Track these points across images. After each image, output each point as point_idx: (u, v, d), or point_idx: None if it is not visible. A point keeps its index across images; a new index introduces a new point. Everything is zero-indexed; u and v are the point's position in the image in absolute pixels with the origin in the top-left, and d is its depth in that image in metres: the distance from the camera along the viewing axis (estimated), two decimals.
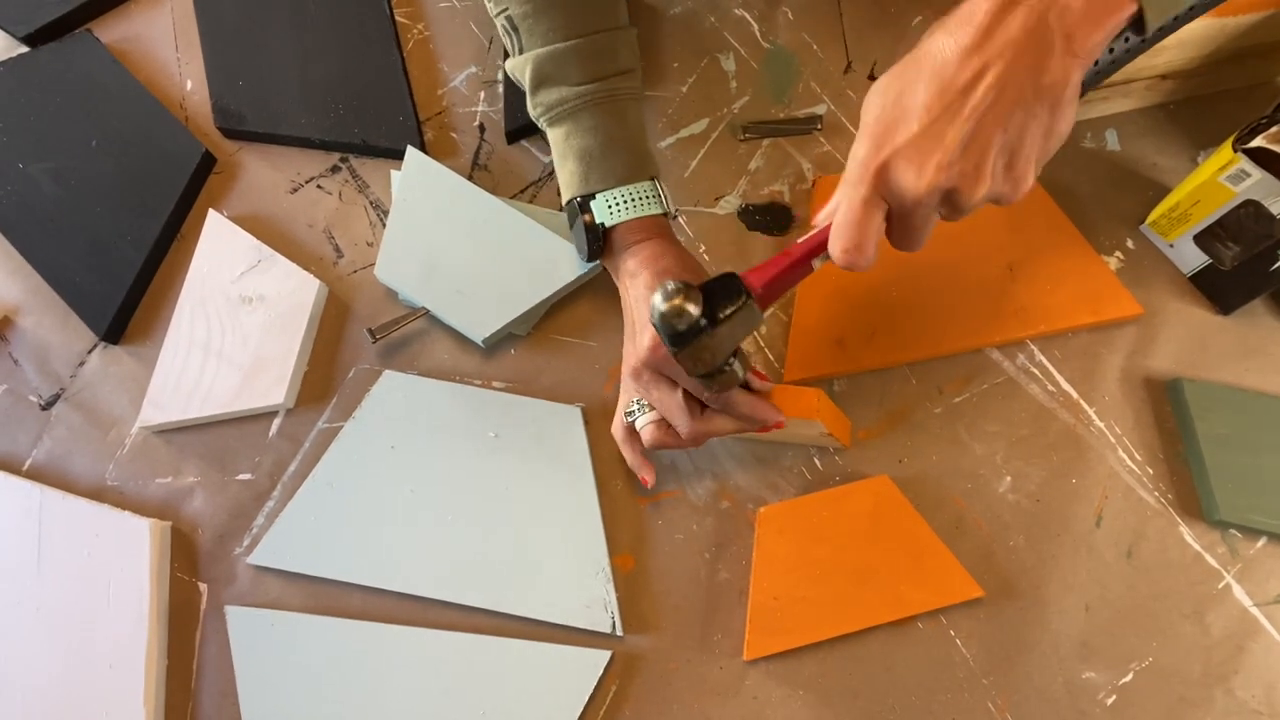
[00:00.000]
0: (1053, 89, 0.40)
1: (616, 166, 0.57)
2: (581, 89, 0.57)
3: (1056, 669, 0.54)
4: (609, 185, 0.57)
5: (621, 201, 0.57)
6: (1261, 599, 0.55)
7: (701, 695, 0.55)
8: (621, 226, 0.57)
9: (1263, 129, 0.54)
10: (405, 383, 0.63)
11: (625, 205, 0.57)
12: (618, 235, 0.57)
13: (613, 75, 0.58)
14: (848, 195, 0.43)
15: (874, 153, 0.42)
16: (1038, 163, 0.43)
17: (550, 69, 0.57)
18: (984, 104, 0.39)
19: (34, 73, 0.73)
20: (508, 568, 0.58)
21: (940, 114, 0.40)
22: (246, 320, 0.65)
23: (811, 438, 0.58)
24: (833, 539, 0.56)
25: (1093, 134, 0.67)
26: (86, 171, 0.70)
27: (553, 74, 0.57)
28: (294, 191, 0.70)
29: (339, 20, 0.74)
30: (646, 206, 0.57)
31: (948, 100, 0.40)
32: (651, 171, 0.59)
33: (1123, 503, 0.58)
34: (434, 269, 0.63)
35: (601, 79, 0.58)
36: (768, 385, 0.53)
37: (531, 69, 0.57)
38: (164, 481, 0.63)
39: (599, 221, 0.57)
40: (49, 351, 0.67)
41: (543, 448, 0.60)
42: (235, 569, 0.60)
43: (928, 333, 0.61)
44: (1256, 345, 0.61)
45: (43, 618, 0.59)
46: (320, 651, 0.57)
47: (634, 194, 0.57)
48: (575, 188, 0.58)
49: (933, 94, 0.40)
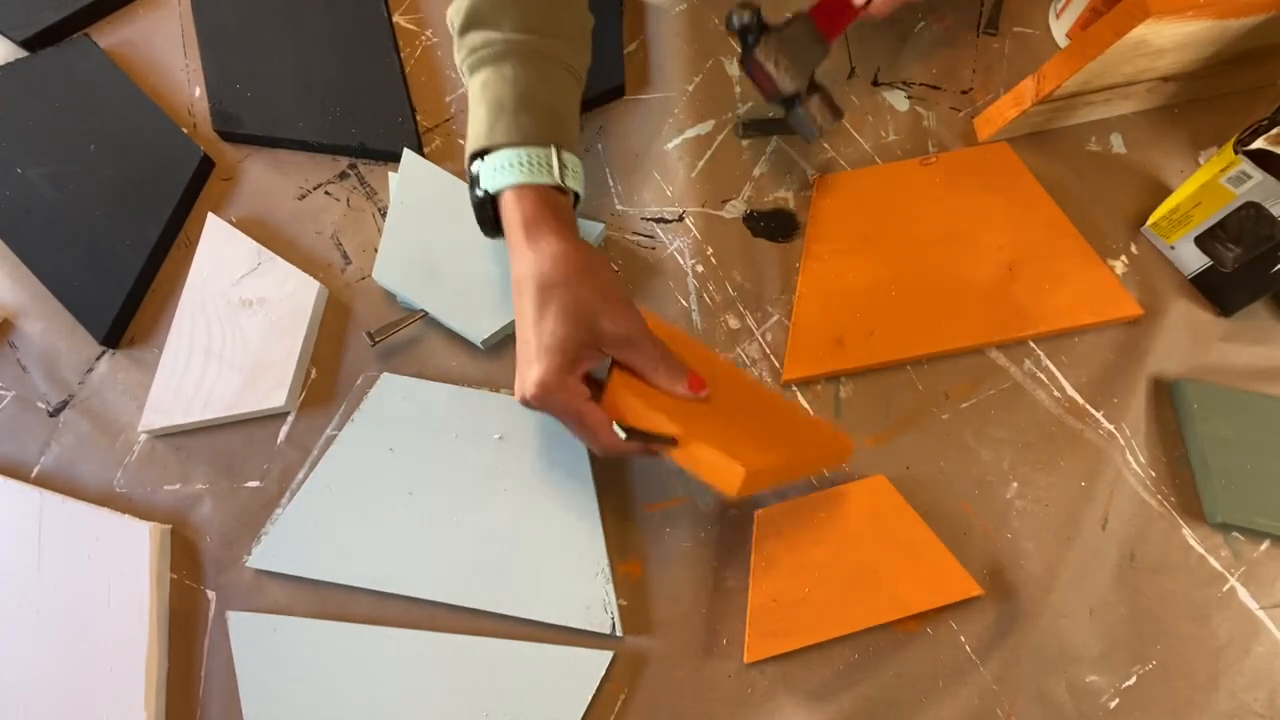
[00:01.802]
0: None
1: (525, 124, 0.52)
2: (511, 36, 0.53)
3: (1060, 672, 0.54)
4: (512, 141, 0.52)
5: (516, 164, 0.51)
6: (1267, 602, 0.55)
7: (706, 699, 0.55)
8: (514, 197, 0.52)
9: (1264, 131, 0.54)
10: (404, 385, 0.63)
11: (518, 168, 0.51)
12: (508, 207, 0.52)
13: (550, 35, 0.54)
14: None
15: None
16: None
17: (485, 12, 0.54)
18: None
19: (32, 77, 0.73)
20: (507, 569, 0.58)
21: None
22: (247, 323, 0.65)
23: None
24: (830, 540, 0.56)
25: (1097, 137, 0.67)
26: (85, 176, 0.70)
27: (486, 17, 0.54)
28: (301, 198, 0.70)
29: (337, 23, 0.73)
30: (538, 173, 0.52)
31: None
32: (563, 142, 0.53)
33: (1127, 506, 0.58)
34: (432, 271, 0.63)
35: (536, 33, 0.54)
36: (698, 395, 0.51)
37: (466, 10, 0.54)
38: (172, 488, 0.62)
39: (484, 188, 0.52)
40: (57, 358, 0.66)
41: (541, 449, 0.60)
42: (242, 576, 0.60)
43: (927, 332, 0.61)
44: (1258, 347, 0.61)
45: (43, 621, 0.59)
46: (322, 655, 0.57)
47: (532, 158, 0.51)
48: (476, 140, 0.53)
49: None
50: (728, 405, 0.53)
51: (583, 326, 0.50)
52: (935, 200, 0.65)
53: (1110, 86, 0.62)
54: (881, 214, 0.65)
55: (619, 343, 0.51)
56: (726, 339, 0.63)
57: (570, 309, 0.49)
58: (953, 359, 0.62)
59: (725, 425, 0.51)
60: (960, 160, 0.66)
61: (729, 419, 0.52)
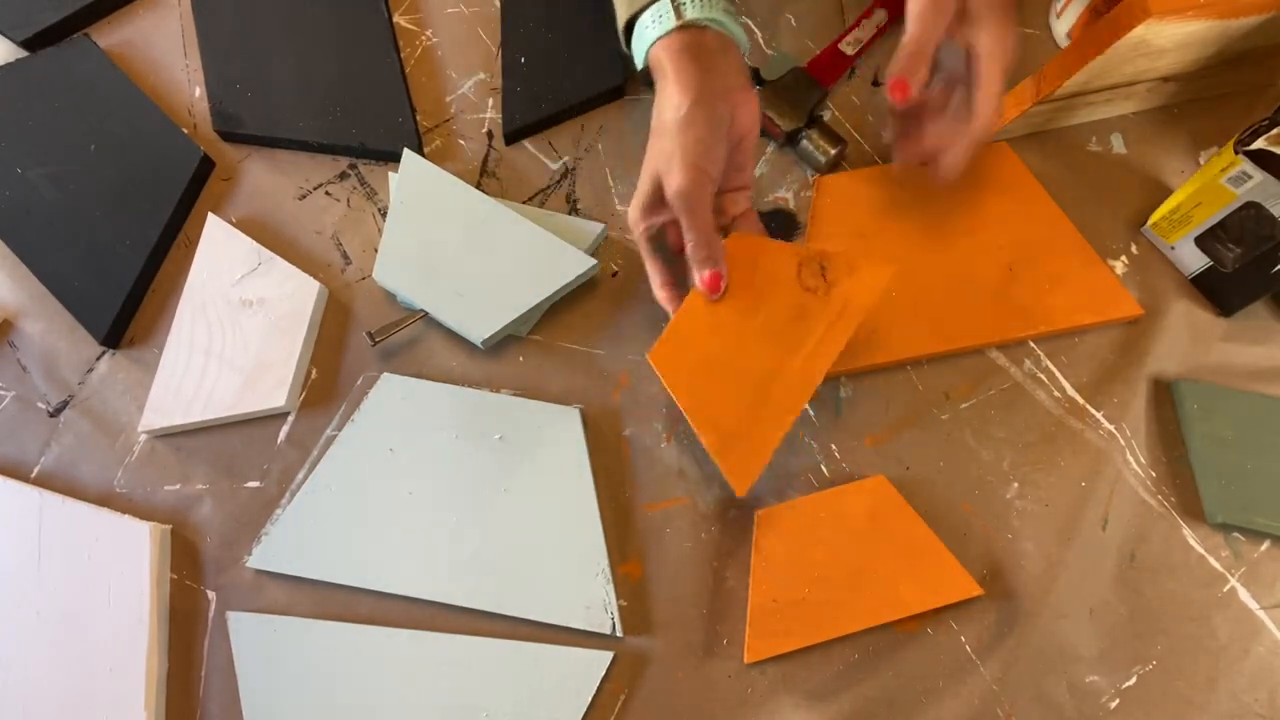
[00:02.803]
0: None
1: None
2: None
3: (1060, 672, 0.54)
4: (634, 9, 0.55)
5: (640, 30, 0.55)
6: (1267, 602, 0.55)
7: (706, 699, 0.55)
8: (652, 57, 0.55)
9: (1264, 131, 0.54)
10: (404, 385, 0.63)
11: (641, 32, 0.55)
12: (659, 55, 0.54)
13: None
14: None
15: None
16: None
17: None
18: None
19: (32, 77, 0.73)
20: (507, 570, 0.58)
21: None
22: (247, 324, 0.65)
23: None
24: (830, 540, 0.56)
25: (1097, 137, 0.67)
26: (85, 176, 0.70)
27: None
28: (302, 198, 0.70)
29: (337, 23, 0.73)
30: (664, 24, 0.54)
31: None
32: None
33: (1127, 506, 0.58)
34: (432, 271, 0.63)
35: None
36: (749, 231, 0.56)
37: None
38: (173, 489, 0.62)
39: (637, 66, 0.56)
40: (57, 358, 0.66)
41: (541, 449, 0.60)
42: (242, 576, 0.60)
43: (927, 332, 0.61)
44: (1258, 347, 0.61)
45: (43, 621, 0.59)
46: (322, 655, 0.57)
47: (651, 17, 0.54)
48: (624, 12, 0.56)
49: None
50: (756, 359, 0.55)
51: (653, 180, 0.54)
52: (935, 200, 0.65)
53: (1110, 86, 0.62)
54: (881, 214, 0.65)
55: (673, 202, 0.53)
56: None
57: (654, 159, 0.54)
58: (953, 359, 0.62)
59: (738, 393, 0.54)
60: None
61: (751, 382, 0.54)
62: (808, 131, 0.66)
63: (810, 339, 0.54)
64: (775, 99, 0.66)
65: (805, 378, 0.54)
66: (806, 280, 0.54)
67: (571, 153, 0.69)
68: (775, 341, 0.54)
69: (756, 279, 0.55)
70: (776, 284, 0.55)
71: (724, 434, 0.53)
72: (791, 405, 0.54)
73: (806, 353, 0.54)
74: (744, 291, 0.55)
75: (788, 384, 0.54)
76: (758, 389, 0.54)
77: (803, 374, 0.54)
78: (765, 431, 0.53)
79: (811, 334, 0.54)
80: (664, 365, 0.55)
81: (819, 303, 0.54)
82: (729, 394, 0.54)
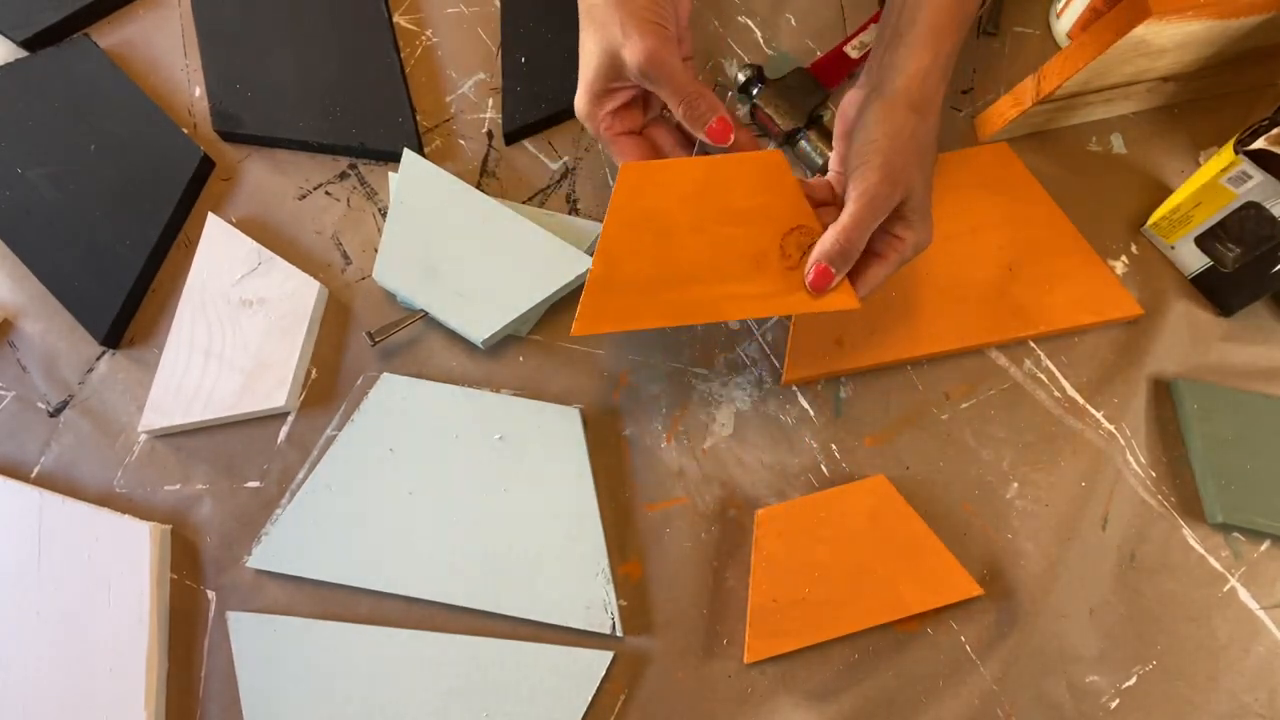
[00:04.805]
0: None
1: None
2: None
3: (1060, 672, 0.54)
4: None
5: None
6: (1267, 602, 0.55)
7: (706, 699, 0.55)
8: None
9: (1264, 131, 0.54)
10: (404, 385, 0.63)
11: None
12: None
13: None
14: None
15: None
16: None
17: None
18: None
19: (32, 77, 0.73)
20: (507, 569, 0.58)
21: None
22: (247, 323, 0.65)
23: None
24: (831, 540, 0.56)
25: (1097, 137, 0.67)
26: (85, 176, 0.70)
27: None
28: (302, 198, 0.70)
29: (337, 23, 0.73)
30: None
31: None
32: None
33: (1127, 506, 0.58)
34: (432, 271, 0.63)
35: None
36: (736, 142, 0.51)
37: None
38: (173, 489, 0.62)
39: None
40: (57, 358, 0.66)
41: (541, 449, 0.60)
42: (242, 576, 0.60)
43: (927, 332, 0.61)
44: (1258, 347, 0.61)
45: (43, 621, 0.59)
46: (322, 655, 0.57)
47: None
48: None
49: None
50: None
51: (604, 58, 0.50)
52: (935, 200, 0.64)
53: (1110, 86, 0.62)
54: None
55: (640, 76, 0.49)
56: (726, 340, 0.63)
57: (596, 37, 0.50)
58: (953, 359, 0.62)
59: (655, 262, 0.51)
60: (960, 160, 0.66)
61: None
62: (807, 132, 0.66)
63: (747, 287, 0.51)
64: (776, 98, 0.66)
65: (713, 308, 0.51)
66: (788, 245, 0.51)
67: (571, 153, 0.69)
68: (720, 257, 0.51)
69: (751, 196, 0.51)
70: (759, 217, 0.52)
71: (612, 277, 0.51)
72: (682, 316, 0.51)
73: (733, 292, 0.51)
74: (732, 194, 0.51)
75: (695, 298, 0.51)
76: (671, 276, 0.51)
77: (714, 303, 0.51)
78: (643, 309, 0.51)
79: (751, 284, 0.51)
80: (624, 191, 0.51)
81: (779, 267, 0.51)
82: (648, 254, 0.51)
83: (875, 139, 0.48)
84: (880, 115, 0.49)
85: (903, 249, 0.50)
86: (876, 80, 0.51)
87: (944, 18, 0.50)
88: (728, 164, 0.52)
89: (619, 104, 0.53)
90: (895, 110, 0.48)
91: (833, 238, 0.48)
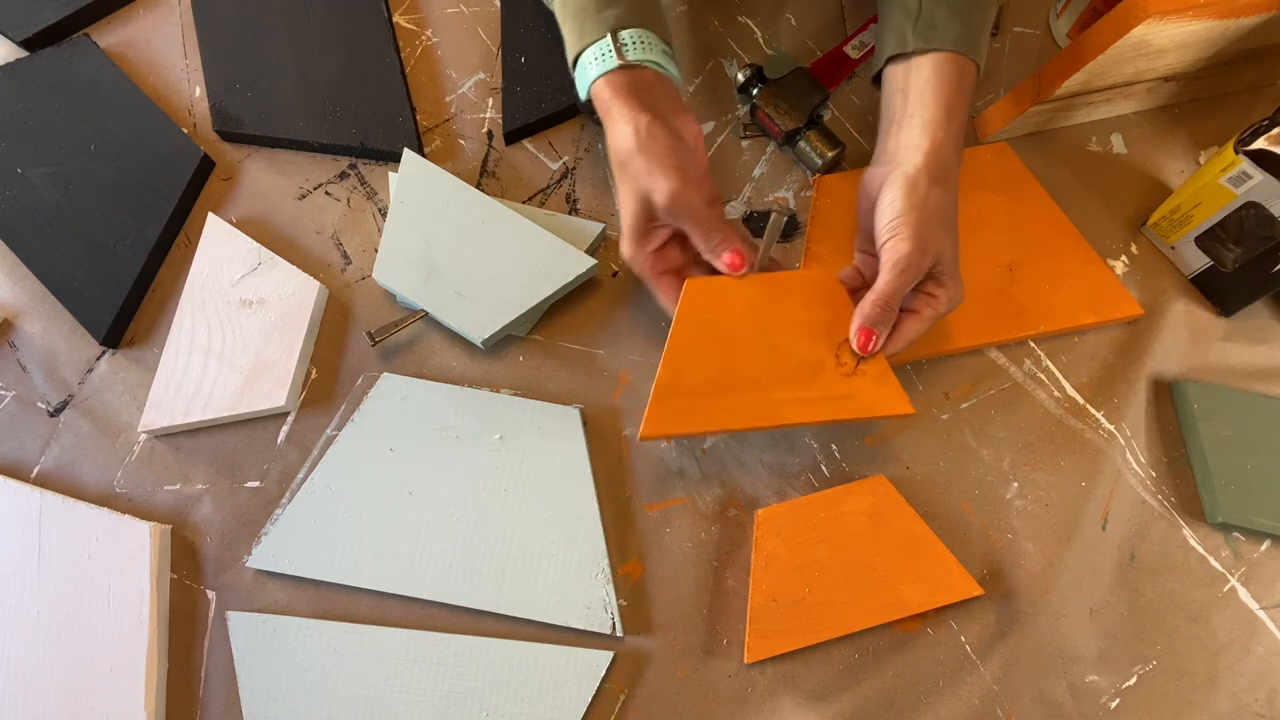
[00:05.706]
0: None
1: (574, 30, 0.56)
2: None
3: (1060, 672, 0.54)
4: (577, 47, 0.56)
5: (583, 67, 0.56)
6: (1267, 602, 0.55)
7: (706, 699, 0.55)
8: (595, 93, 0.55)
9: (1264, 131, 0.54)
10: (404, 385, 0.63)
11: (583, 70, 0.56)
12: (595, 102, 0.56)
13: None
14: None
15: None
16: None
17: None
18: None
19: (32, 77, 0.73)
20: (507, 569, 0.58)
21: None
22: (247, 323, 0.65)
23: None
24: (831, 540, 0.56)
25: (1097, 137, 0.67)
26: (85, 176, 0.70)
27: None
28: (302, 198, 0.70)
29: (337, 23, 0.73)
30: (604, 63, 0.54)
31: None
32: (619, 24, 0.55)
33: (1127, 506, 0.58)
34: (432, 271, 0.63)
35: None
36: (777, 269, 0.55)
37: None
38: (172, 489, 0.62)
39: (581, 98, 0.56)
40: (57, 358, 0.66)
41: (541, 449, 0.60)
42: (242, 576, 0.60)
43: (927, 332, 0.61)
44: (1258, 347, 0.61)
45: (43, 621, 0.59)
46: (322, 655, 0.57)
47: (592, 56, 0.55)
48: (572, 47, 0.57)
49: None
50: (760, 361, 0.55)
51: (639, 203, 0.54)
52: None
53: (1110, 86, 0.62)
54: None
55: (668, 214, 0.53)
56: None
57: (629, 187, 0.54)
58: (953, 359, 0.62)
59: (718, 369, 0.54)
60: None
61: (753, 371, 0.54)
62: (806, 132, 0.66)
63: (804, 391, 0.54)
64: (776, 98, 0.66)
65: (773, 413, 0.54)
66: (842, 354, 0.54)
67: (571, 153, 0.69)
68: (779, 365, 0.54)
69: (807, 309, 0.55)
70: (815, 328, 0.55)
71: (678, 383, 0.53)
72: (744, 420, 0.54)
73: (792, 397, 0.54)
74: (789, 307, 0.55)
75: (755, 403, 0.54)
76: (733, 382, 0.54)
77: (774, 407, 0.54)
78: (707, 413, 0.53)
79: (808, 389, 0.54)
80: (689, 303, 0.54)
81: (835, 373, 0.54)
82: (711, 362, 0.54)
83: (903, 213, 0.52)
84: (906, 190, 0.52)
85: (937, 305, 0.54)
86: (895, 158, 0.54)
87: (955, 99, 0.54)
88: (784, 280, 0.55)
89: (658, 244, 0.56)
90: (919, 185, 0.52)
91: (871, 301, 0.52)
